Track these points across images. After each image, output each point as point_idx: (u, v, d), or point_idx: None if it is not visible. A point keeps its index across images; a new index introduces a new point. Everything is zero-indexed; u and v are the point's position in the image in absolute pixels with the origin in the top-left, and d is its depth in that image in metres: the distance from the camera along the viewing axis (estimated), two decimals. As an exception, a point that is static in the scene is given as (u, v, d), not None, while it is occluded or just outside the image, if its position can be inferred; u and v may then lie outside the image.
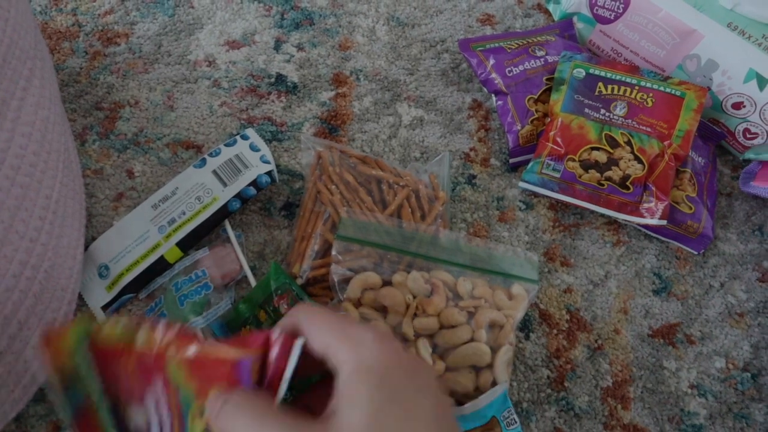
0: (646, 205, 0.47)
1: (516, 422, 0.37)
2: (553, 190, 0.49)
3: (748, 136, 0.52)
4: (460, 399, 0.38)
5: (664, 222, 0.47)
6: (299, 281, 0.44)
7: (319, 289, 0.44)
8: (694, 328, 0.47)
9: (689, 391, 0.45)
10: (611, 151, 0.48)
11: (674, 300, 0.48)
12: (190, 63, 0.56)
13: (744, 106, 0.51)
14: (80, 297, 0.45)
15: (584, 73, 0.52)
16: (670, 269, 0.49)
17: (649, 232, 0.50)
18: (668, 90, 0.51)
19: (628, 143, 0.48)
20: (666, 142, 0.49)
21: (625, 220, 0.49)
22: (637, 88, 0.51)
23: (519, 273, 0.42)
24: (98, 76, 0.54)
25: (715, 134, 0.54)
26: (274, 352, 0.24)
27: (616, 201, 0.48)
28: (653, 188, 0.47)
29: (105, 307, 0.44)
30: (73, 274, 0.42)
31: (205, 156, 0.48)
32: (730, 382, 0.45)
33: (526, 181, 0.50)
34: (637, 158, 0.48)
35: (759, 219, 0.52)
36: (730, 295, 0.49)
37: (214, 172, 0.47)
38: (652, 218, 0.47)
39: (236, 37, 0.58)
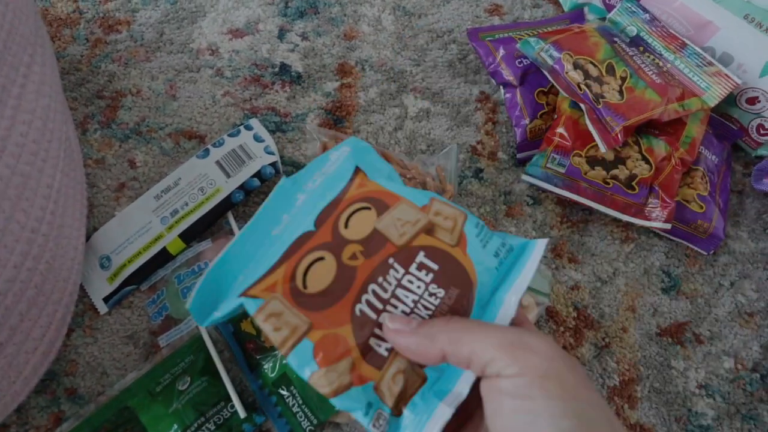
0: (650, 208, 0.46)
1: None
2: (557, 186, 0.48)
3: (762, 132, 0.51)
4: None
5: (668, 226, 0.46)
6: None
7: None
8: (703, 328, 0.47)
9: (697, 391, 0.44)
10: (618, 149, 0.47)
11: (683, 299, 0.48)
12: (192, 51, 0.55)
13: (759, 102, 0.50)
14: (81, 288, 0.44)
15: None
16: (679, 267, 0.49)
17: (657, 231, 0.49)
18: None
19: (636, 143, 0.47)
20: (673, 146, 0.48)
21: (629, 222, 0.48)
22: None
23: (530, 283, 0.41)
24: (99, 64, 0.53)
25: (732, 133, 0.53)
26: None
27: (621, 201, 0.47)
28: (659, 191, 0.46)
29: (106, 299, 0.44)
30: (75, 266, 0.42)
31: (209, 146, 0.48)
32: (739, 383, 0.45)
33: (530, 175, 0.49)
34: (644, 158, 0.47)
35: (771, 217, 0.51)
36: (740, 294, 0.48)
37: (218, 163, 0.46)
38: (656, 222, 0.46)
39: (239, 26, 0.57)
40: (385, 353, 0.23)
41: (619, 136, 0.45)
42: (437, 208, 0.25)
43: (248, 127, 0.49)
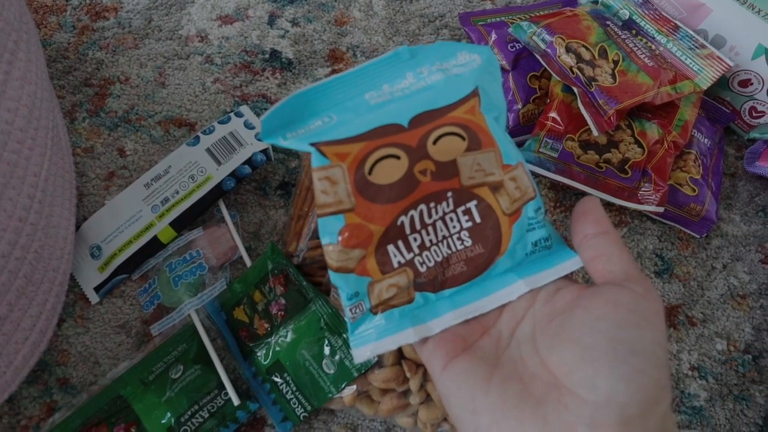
0: (643, 191, 0.46)
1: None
2: (549, 170, 0.48)
3: (755, 114, 0.51)
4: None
5: (661, 209, 0.46)
6: (295, 260, 0.43)
7: (316, 269, 0.43)
8: (695, 310, 0.47)
9: (690, 373, 0.44)
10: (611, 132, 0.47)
11: (676, 281, 0.48)
12: (181, 38, 0.54)
13: (751, 84, 0.49)
14: (72, 278, 0.44)
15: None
16: (672, 250, 0.49)
17: (650, 215, 0.49)
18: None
19: (629, 126, 0.47)
20: (666, 130, 0.47)
21: (622, 206, 0.48)
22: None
23: None
24: (87, 51, 0.53)
25: (724, 116, 0.52)
26: None
27: (614, 185, 0.46)
28: (652, 174, 0.46)
29: (98, 288, 0.43)
30: (65, 255, 0.41)
31: (199, 134, 0.47)
32: (731, 364, 0.45)
33: (524, 160, 0.49)
34: (637, 142, 0.47)
35: (763, 200, 0.51)
36: (733, 276, 0.48)
37: (208, 150, 0.46)
38: (649, 205, 0.46)
39: (229, 12, 0.56)
40: (396, 265, 0.24)
41: (611, 119, 0.44)
42: (516, 174, 0.25)
43: (239, 114, 0.48)
